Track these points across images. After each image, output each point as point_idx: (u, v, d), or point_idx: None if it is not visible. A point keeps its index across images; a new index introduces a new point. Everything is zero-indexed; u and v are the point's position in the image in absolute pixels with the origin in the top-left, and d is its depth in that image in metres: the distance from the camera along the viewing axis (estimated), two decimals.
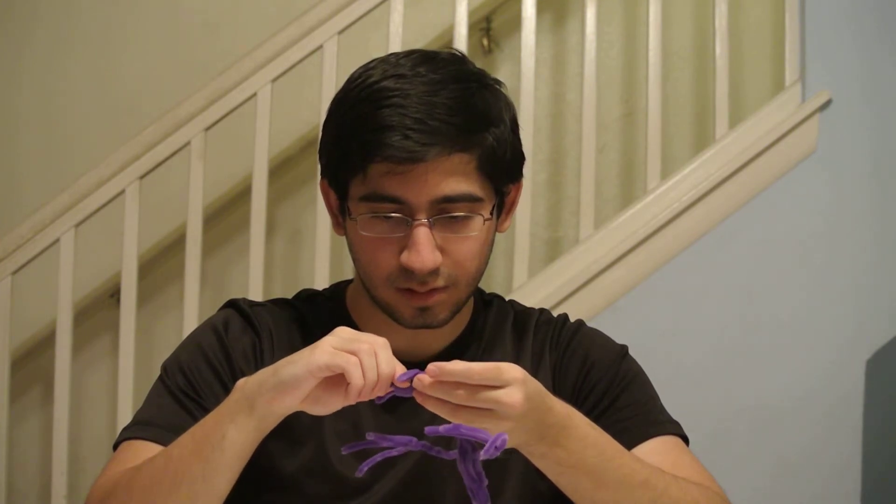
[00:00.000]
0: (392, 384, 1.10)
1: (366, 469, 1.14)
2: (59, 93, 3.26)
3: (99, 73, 3.26)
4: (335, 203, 1.32)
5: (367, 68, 1.29)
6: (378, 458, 1.14)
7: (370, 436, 1.12)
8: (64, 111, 3.26)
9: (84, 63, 3.26)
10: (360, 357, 1.09)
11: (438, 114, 1.22)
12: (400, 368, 1.10)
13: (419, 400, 1.10)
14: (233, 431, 1.13)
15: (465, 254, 1.26)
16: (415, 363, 1.16)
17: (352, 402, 1.10)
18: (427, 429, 1.06)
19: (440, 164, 1.22)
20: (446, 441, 1.25)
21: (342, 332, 1.12)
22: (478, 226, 1.26)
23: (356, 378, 1.08)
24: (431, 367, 1.07)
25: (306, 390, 1.10)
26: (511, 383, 1.08)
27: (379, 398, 1.11)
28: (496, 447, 1.05)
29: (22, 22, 3.27)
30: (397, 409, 1.30)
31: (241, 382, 1.15)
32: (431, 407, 1.09)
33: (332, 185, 1.31)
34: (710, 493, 1.25)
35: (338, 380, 1.10)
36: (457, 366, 1.07)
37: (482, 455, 1.06)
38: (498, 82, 1.31)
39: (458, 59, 1.30)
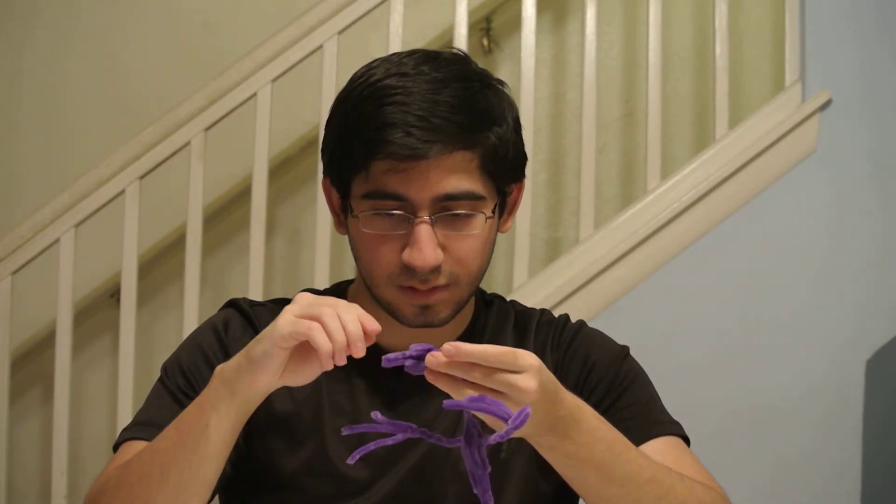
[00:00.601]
0: (405, 356, 1.08)
1: (358, 457, 1.12)
2: (60, 93, 3.27)
3: (99, 72, 3.26)
4: (337, 201, 1.32)
5: (369, 67, 1.29)
6: (372, 446, 1.12)
7: (374, 415, 1.10)
8: (64, 111, 3.26)
9: (84, 63, 3.26)
10: (322, 321, 1.08)
11: (441, 111, 1.22)
12: (370, 322, 1.09)
13: (430, 378, 1.08)
14: (215, 420, 1.13)
15: (467, 252, 1.26)
16: None
17: (328, 367, 1.09)
18: (446, 403, 1.04)
19: (442, 162, 1.22)
20: (450, 432, 1.25)
21: (302, 299, 1.12)
22: (479, 224, 1.26)
23: (322, 343, 1.07)
24: (447, 346, 1.06)
25: (279, 364, 1.11)
26: (527, 369, 1.07)
27: (388, 360, 1.08)
28: (515, 426, 1.03)
29: (22, 22, 3.27)
30: (398, 406, 1.30)
31: (218, 370, 1.15)
32: (443, 385, 1.08)
33: (334, 183, 1.31)
34: (714, 494, 1.25)
35: (309, 347, 1.10)
36: (473, 346, 1.06)
37: (509, 426, 1.04)
38: (501, 82, 1.31)
39: (461, 59, 1.30)
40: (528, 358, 1.08)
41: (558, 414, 1.12)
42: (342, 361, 1.09)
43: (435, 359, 1.06)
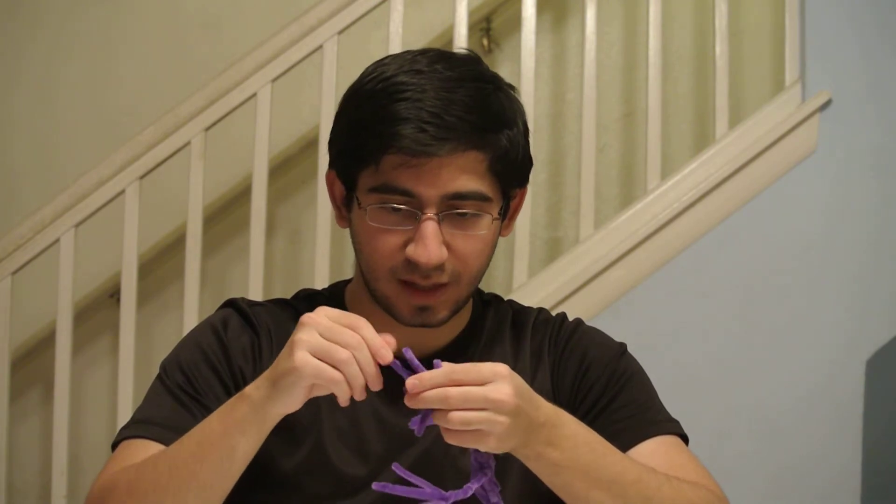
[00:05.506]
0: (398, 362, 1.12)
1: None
2: (59, 93, 3.26)
3: (99, 73, 3.26)
4: (341, 194, 1.32)
5: (380, 63, 1.29)
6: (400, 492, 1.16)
7: (395, 467, 1.17)
8: (64, 111, 3.26)
9: (84, 63, 3.26)
10: (341, 369, 1.10)
11: (455, 110, 1.22)
12: (382, 354, 1.10)
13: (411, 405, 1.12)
14: (244, 442, 1.15)
15: (471, 251, 1.26)
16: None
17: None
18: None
19: (454, 160, 1.22)
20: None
21: (311, 331, 1.11)
22: (486, 225, 1.26)
23: (343, 394, 1.10)
24: (410, 381, 1.09)
25: (306, 391, 1.13)
26: (494, 378, 1.09)
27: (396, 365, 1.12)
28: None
29: (24, 23, 3.27)
30: (396, 403, 1.30)
31: (245, 394, 1.16)
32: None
33: (340, 175, 1.31)
34: (705, 492, 1.25)
35: None
36: (433, 372, 1.09)
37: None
38: (511, 87, 1.32)
39: (474, 60, 1.31)
40: (493, 367, 1.10)
41: (539, 420, 1.13)
42: (362, 398, 1.11)
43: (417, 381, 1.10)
